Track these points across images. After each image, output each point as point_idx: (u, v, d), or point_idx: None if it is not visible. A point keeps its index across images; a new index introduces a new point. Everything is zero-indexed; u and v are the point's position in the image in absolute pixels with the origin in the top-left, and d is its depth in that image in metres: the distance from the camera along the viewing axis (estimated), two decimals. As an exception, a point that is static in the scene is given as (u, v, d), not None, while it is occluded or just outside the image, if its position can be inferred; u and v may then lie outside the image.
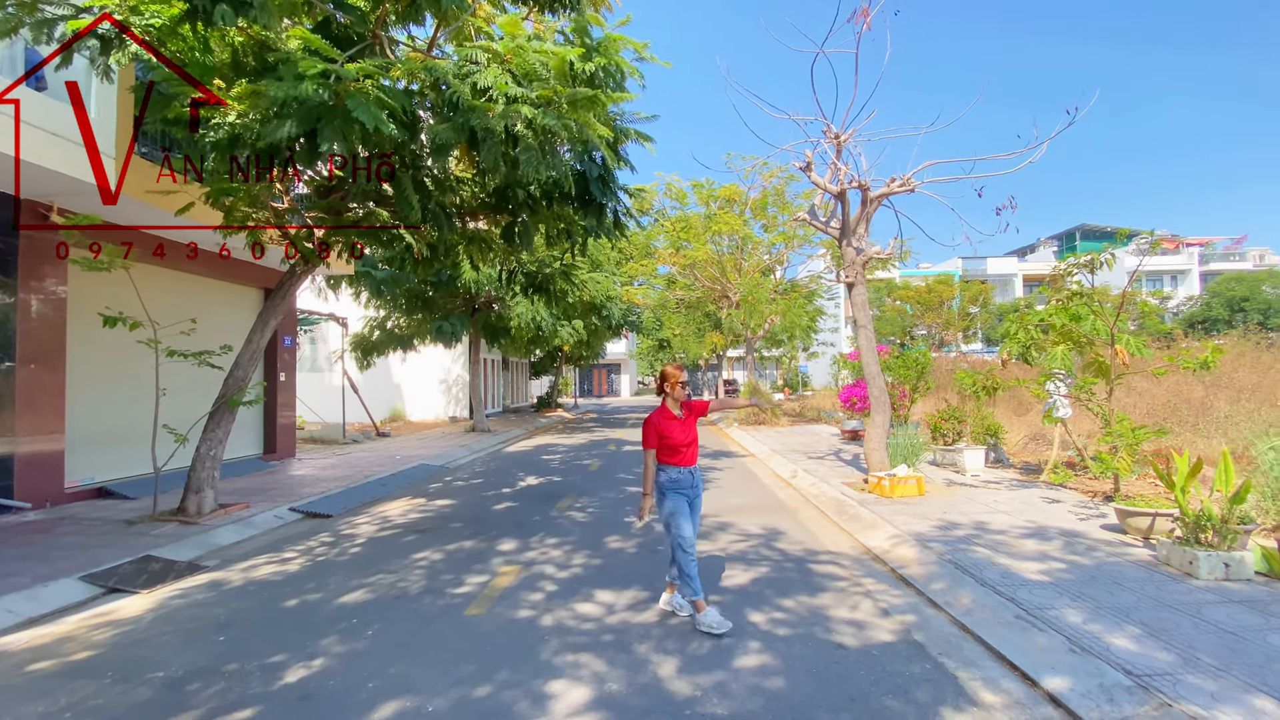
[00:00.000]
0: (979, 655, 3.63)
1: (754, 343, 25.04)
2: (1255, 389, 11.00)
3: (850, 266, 8.77)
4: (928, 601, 4.47)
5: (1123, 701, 2.92)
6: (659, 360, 52.18)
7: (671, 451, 4.18)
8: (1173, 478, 4.79)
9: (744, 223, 22.62)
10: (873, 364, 8.53)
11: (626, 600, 4.61)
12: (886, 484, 7.62)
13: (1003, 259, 50.33)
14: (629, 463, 12.28)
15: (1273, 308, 37.60)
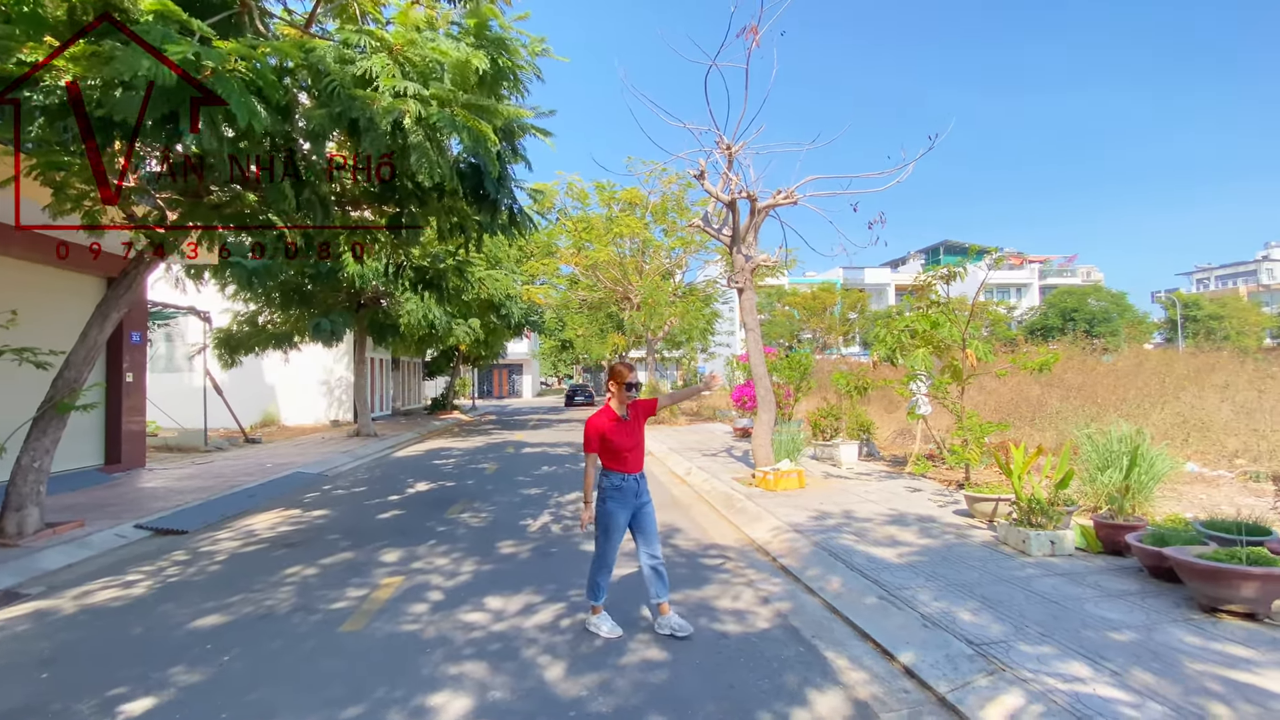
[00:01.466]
0: (846, 636, 3.92)
1: (654, 344, 25.47)
2: (1081, 388, 12.72)
3: (740, 273, 9.17)
4: (804, 588, 4.76)
5: (965, 669, 3.26)
6: (562, 361, 51.82)
7: (614, 456, 3.89)
8: (1010, 467, 5.43)
9: (645, 226, 23.00)
10: (760, 365, 8.96)
11: (517, 605, 4.53)
12: (771, 478, 8.03)
13: (878, 269, 54.86)
14: (528, 465, 12.08)
15: (1097, 318, 43.67)
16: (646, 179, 21.64)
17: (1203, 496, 6.95)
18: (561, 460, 12.58)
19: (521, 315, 20.20)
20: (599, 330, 30.47)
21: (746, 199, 9.13)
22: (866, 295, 44.53)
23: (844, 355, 36.18)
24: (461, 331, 18.23)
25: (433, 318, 16.12)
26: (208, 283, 15.21)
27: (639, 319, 22.77)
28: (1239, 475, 7.86)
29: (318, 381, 22.89)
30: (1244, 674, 3.05)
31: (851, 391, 10.20)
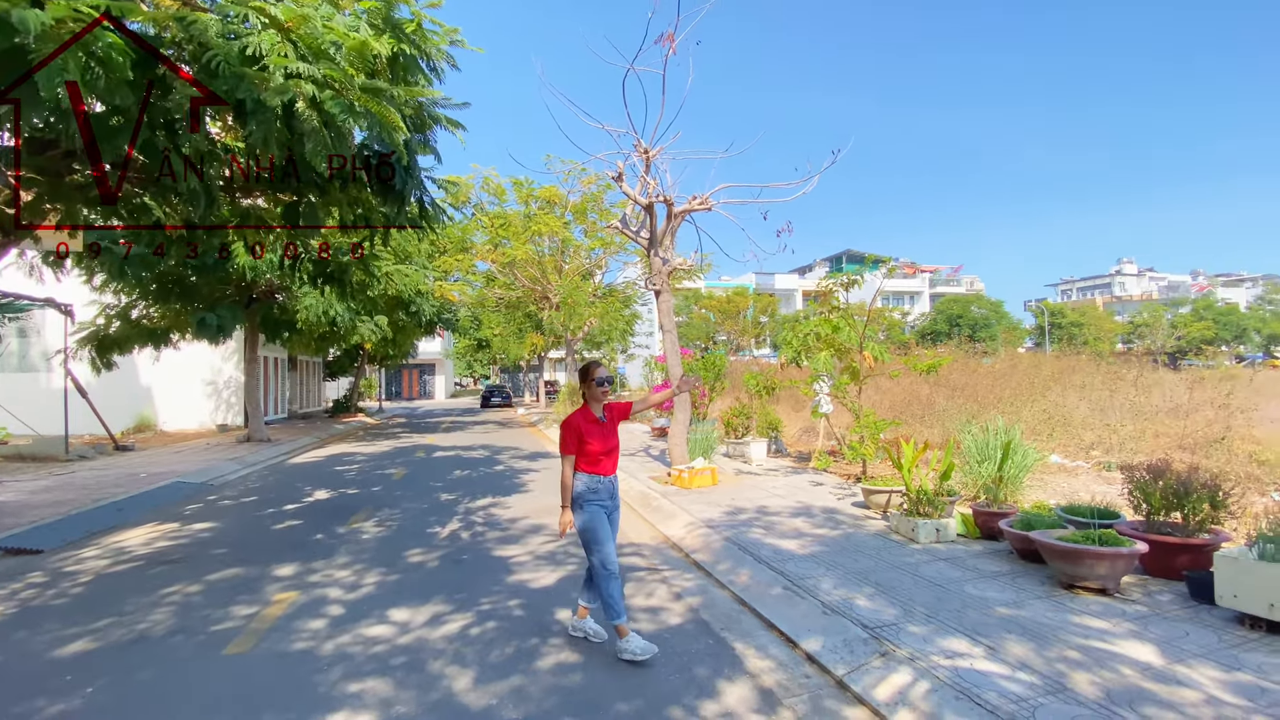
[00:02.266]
0: (754, 626, 4.07)
1: (574, 344, 25.35)
2: (964, 388, 13.88)
3: (657, 275, 9.30)
4: (715, 582, 4.90)
5: (860, 652, 3.47)
6: (478, 361, 50.38)
7: (591, 459, 3.73)
8: (901, 461, 5.85)
9: (564, 225, 22.82)
10: (676, 366, 9.13)
11: (425, 616, 4.36)
12: (686, 476, 8.21)
13: (787, 275, 57.43)
14: (440, 469, 11.65)
15: (979, 324, 47.84)
16: (566, 178, 21.49)
17: (1065, 484, 7.79)
18: (476, 464, 12.23)
19: (433, 313, 19.41)
20: (517, 330, 29.90)
21: (663, 203, 9.28)
22: (777, 300, 46.49)
23: (756, 357, 37.57)
24: (367, 329, 17.28)
25: (334, 314, 15.16)
26: (70, 272, 13.53)
27: (558, 319, 22.58)
28: (1095, 465, 8.87)
29: (203, 382, 20.96)
30: (1098, 642, 3.44)
31: (761, 391, 10.61)
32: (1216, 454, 8.06)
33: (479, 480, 10.25)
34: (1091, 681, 3.00)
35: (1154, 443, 8.98)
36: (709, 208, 9.19)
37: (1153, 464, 4.72)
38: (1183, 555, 4.25)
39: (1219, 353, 49.89)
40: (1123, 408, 10.85)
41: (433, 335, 25.93)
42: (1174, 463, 5.09)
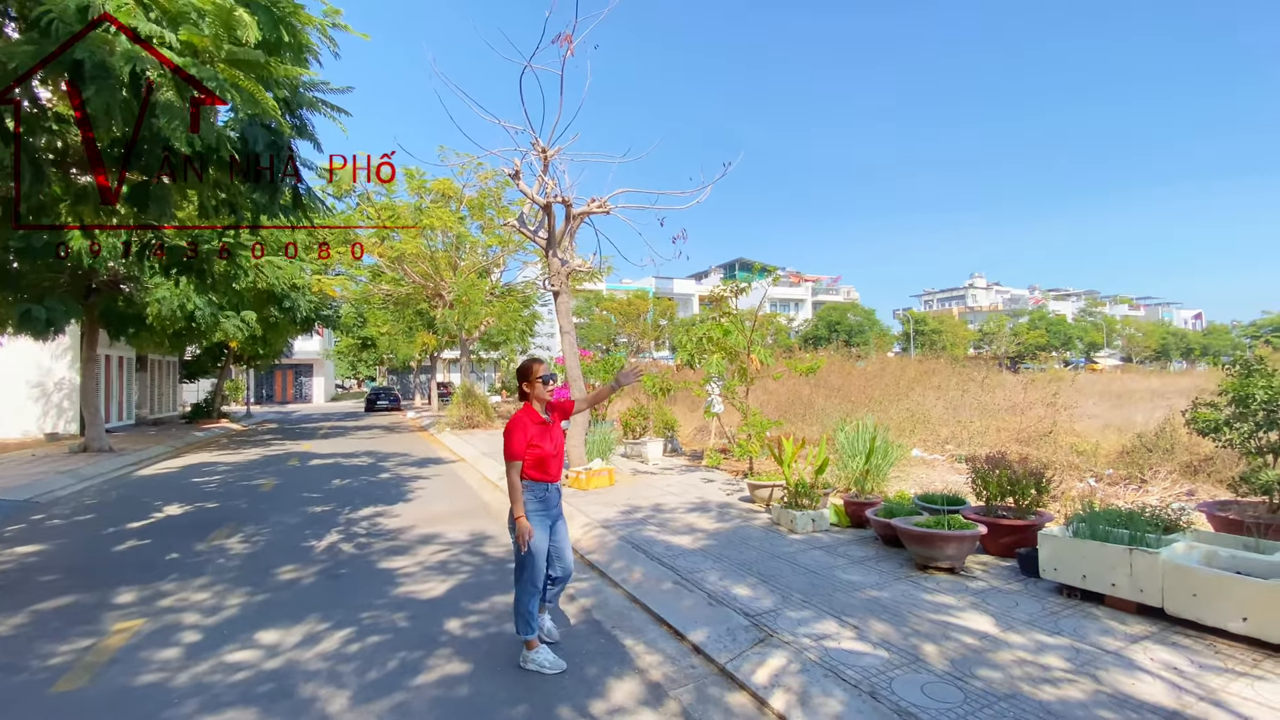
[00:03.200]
0: (645, 622, 4.17)
1: (469, 344, 24.52)
2: (840, 389, 15.00)
3: (556, 276, 9.25)
4: (609, 581, 4.96)
5: (742, 640, 3.66)
6: (363, 361, 47.31)
7: (538, 464, 3.45)
8: (782, 457, 6.23)
9: (459, 220, 22.02)
10: (575, 367, 9.13)
11: (297, 637, 4.05)
12: (584, 477, 8.22)
13: (685, 281, 59.16)
14: (316, 479, 10.84)
15: (854, 330, 51.77)
16: (461, 171, 20.74)
17: (923, 475, 8.64)
18: (358, 472, 11.50)
19: (311, 309, 17.95)
20: (406, 328, 28.41)
21: (562, 204, 9.24)
22: (675, 303, 47.71)
23: (655, 359, 38.33)
24: (232, 326, 15.67)
25: (192, 308, 13.63)
26: None
27: (452, 317, 21.73)
28: (949, 458, 9.91)
29: (28, 385, 18.07)
30: (946, 616, 3.86)
31: (658, 392, 10.86)
32: (1045, 446, 9.29)
33: (362, 489, 9.65)
34: (940, 652, 3.37)
35: (996, 437, 10.19)
36: (608, 211, 9.28)
37: (991, 456, 5.37)
38: (1015, 535, 4.87)
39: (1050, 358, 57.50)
40: (972, 406, 12.21)
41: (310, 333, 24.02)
42: (1010, 454, 5.82)
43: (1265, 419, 4.93)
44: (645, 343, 42.59)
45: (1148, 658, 3.23)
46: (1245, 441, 5.00)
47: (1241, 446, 5.03)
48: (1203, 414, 5.31)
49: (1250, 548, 3.86)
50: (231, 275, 12.12)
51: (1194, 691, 2.89)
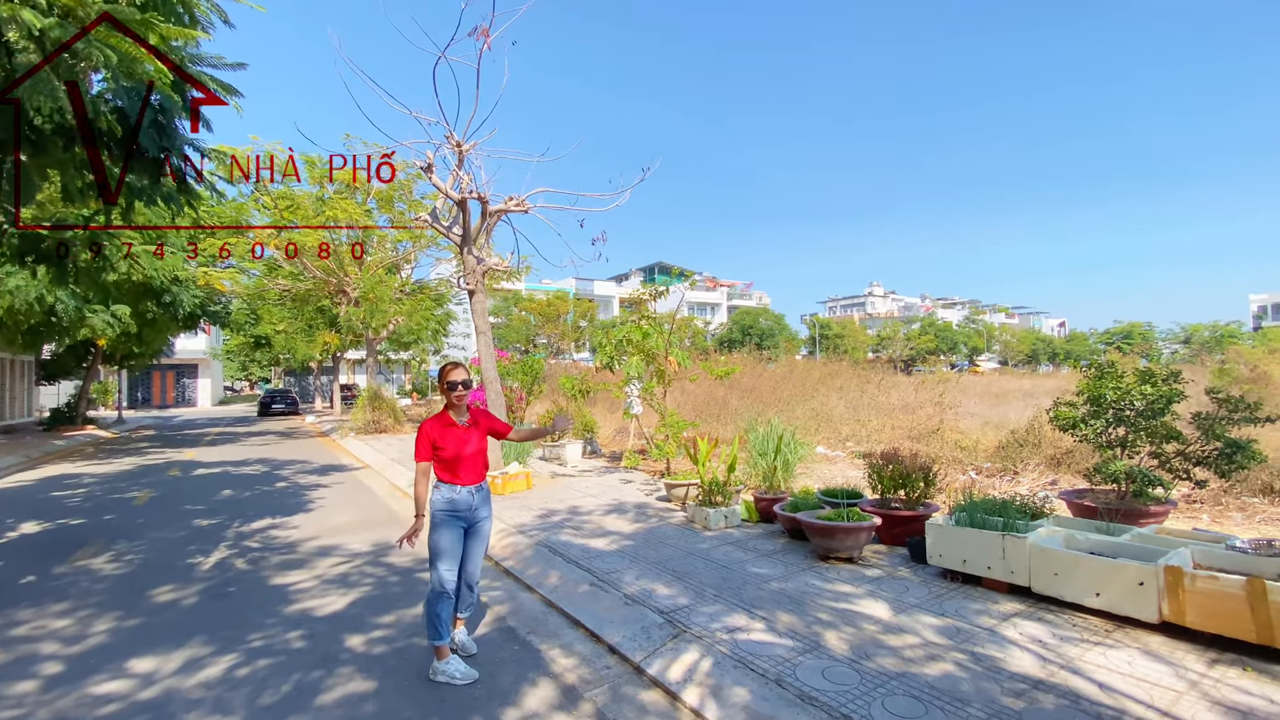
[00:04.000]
0: (561, 626, 4.14)
1: (376, 344, 23.34)
2: (752, 390, 15.57)
3: (471, 274, 9.00)
4: (524, 586, 4.89)
5: (656, 637, 3.72)
6: (256, 361, 43.84)
7: (445, 465, 3.50)
8: (697, 456, 6.39)
9: (367, 213, 20.91)
10: (491, 369, 8.92)
11: (177, 663, 3.70)
12: (500, 482, 8.05)
13: (606, 282, 59.27)
14: (201, 490, 9.93)
15: (765, 334, 53.84)
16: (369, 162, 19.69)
17: (827, 471, 9.13)
18: (250, 482, 10.65)
19: (195, 304, 16.44)
20: (306, 326, 26.61)
21: (478, 200, 9.01)
22: (596, 305, 47.65)
23: (576, 360, 38.14)
24: (101, 321, 14.05)
25: (52, 301, 12.11)
26: None
27: (357, 315, 20.59)
28: (849, 454, 10.53)
29: None
30: (845, 604, 4.10)
31: (577, 394, 10.81)
32: (933, 442, 10.09)
33: (254, 500, 8.95)
34: (839, 638, 3.58)
35: (891, 434, 10.94)
36: (526, 209, 9.14)
37: (886, 452, 5.77)
38: (906, 525, 5.26)
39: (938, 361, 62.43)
40: (870, 405, 13.06)
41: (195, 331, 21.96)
42: (902, 450, 6.27)
43: (1114, 416, 5.61)
44: (565, 344, 42.27)
45: (1018, 633, 3.59)
46: (1098, 436, 5.67)
47: (1095, 441, 5.70)
48: (1063, 412, 5.97)
49: (1102, 531, 4.38)
50: (99, 267, 10.87)
51: (1056, 661, 3.24)
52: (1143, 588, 3.50)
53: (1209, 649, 3.30)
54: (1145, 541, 4.07)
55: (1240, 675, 3.03)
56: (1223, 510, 6.32)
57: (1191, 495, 6.64)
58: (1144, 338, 59.52)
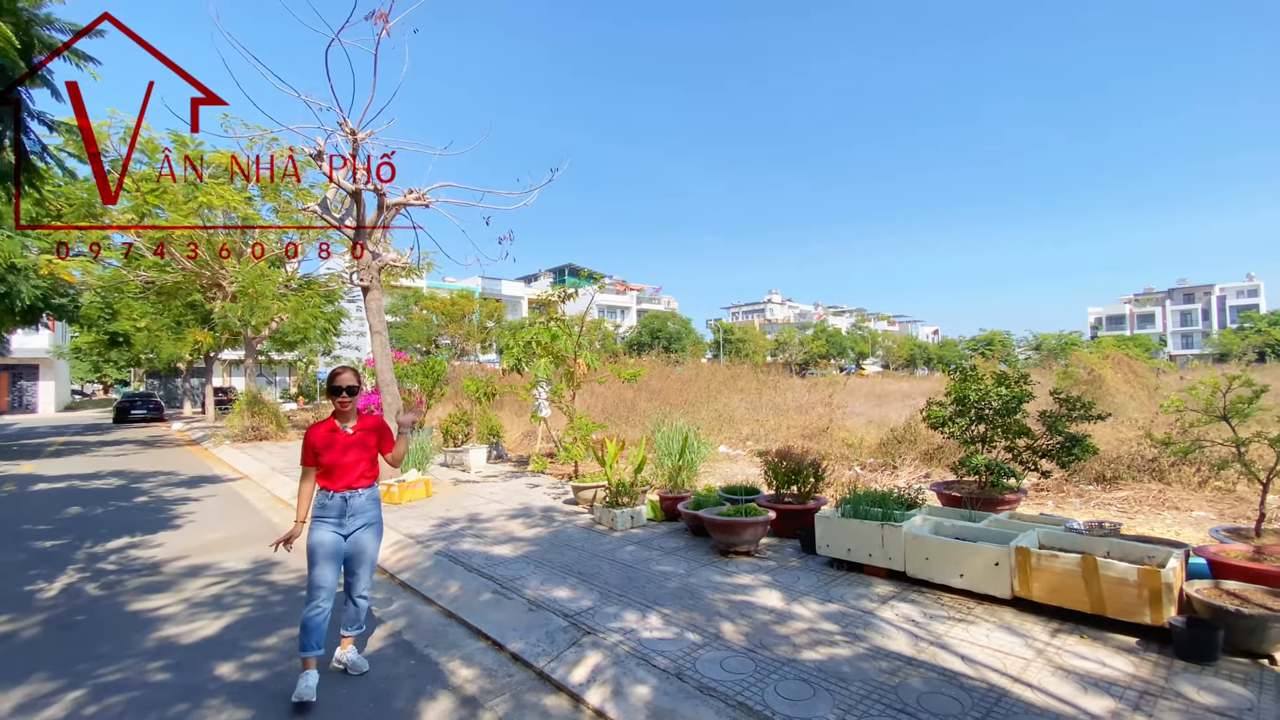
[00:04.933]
0: (462, 637, 4.02)
1: (257, 343, 21.48)
2: (660, 392, 15.85)
3: (366, 270, 8.53)
4: (421, 598, 4.69)
5: (560, 641, 3.71)
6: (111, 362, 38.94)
7: (325, 472, 3.49)
8: (605, 458, 6.42)
9: (247, 201, 19.20)
10: (387, 371, 8.48)
11: (11, 704, 3.22)
12: (396, 491, 7.67)
13: (514, 283, 58.08)
14: (44, 508, 8.69)
15: (673, 337, 54.98)
16: (250, 146, 18.09)
17: (728, 469, 9.48)
18: (104, 497, 9.44)
19: (36, 296, 14.38)
20: (173, 323, 23.99)
21: (374, 192, 8.55)
22: (504, 305, 46.54)
23: (481, 362, 37.00)
24: (-91, 315, 11.95)
25: None
26: None
27: (235, 312, 18.85)
28: (749, 452, 10.98)
29: None
30: (743, 596, 4.27)
31: (482, 397, 10.52)
32: (824, 439, 10.75)
33: (109, 518, 7.96)
34: (738, 629, 3.73)
35: (786, 433, 11.54)
36: (427, 204, 8.77)
37: (780, 450, 6.08)
38: (798, 518, 5.57)
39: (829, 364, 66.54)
40: (768, 406, 13.70)
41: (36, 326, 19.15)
42: (795, 448, 6.64)
43: (975, 415, 6.25)
44: (471, 345, 40.93)
45: (894, 614, 3.90)
46: (962, 433, 6.29)
47: (960, 437, 6.32)
48: (933, 411, 6.56)
49: (965, 518, 4.86)
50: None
51: (926, 638, 3.56)
52: (998, 567, 3.93)
53: (1052, 620, 3.75)
54: (1000, 526, 4.57)
55: (1078, 642, 3.47)
56: (1064, 497, 7.21)
57: (1039, 484, 7.53)
58: (1003, 344, 66.65)
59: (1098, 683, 3.02)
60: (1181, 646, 3.25)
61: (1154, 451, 7.49)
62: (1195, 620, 3.31)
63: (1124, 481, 7.53)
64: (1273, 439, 4.34)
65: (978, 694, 2.93)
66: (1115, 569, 3.50)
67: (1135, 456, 7.82)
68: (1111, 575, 3.51)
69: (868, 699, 2.91)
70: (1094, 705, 2.82)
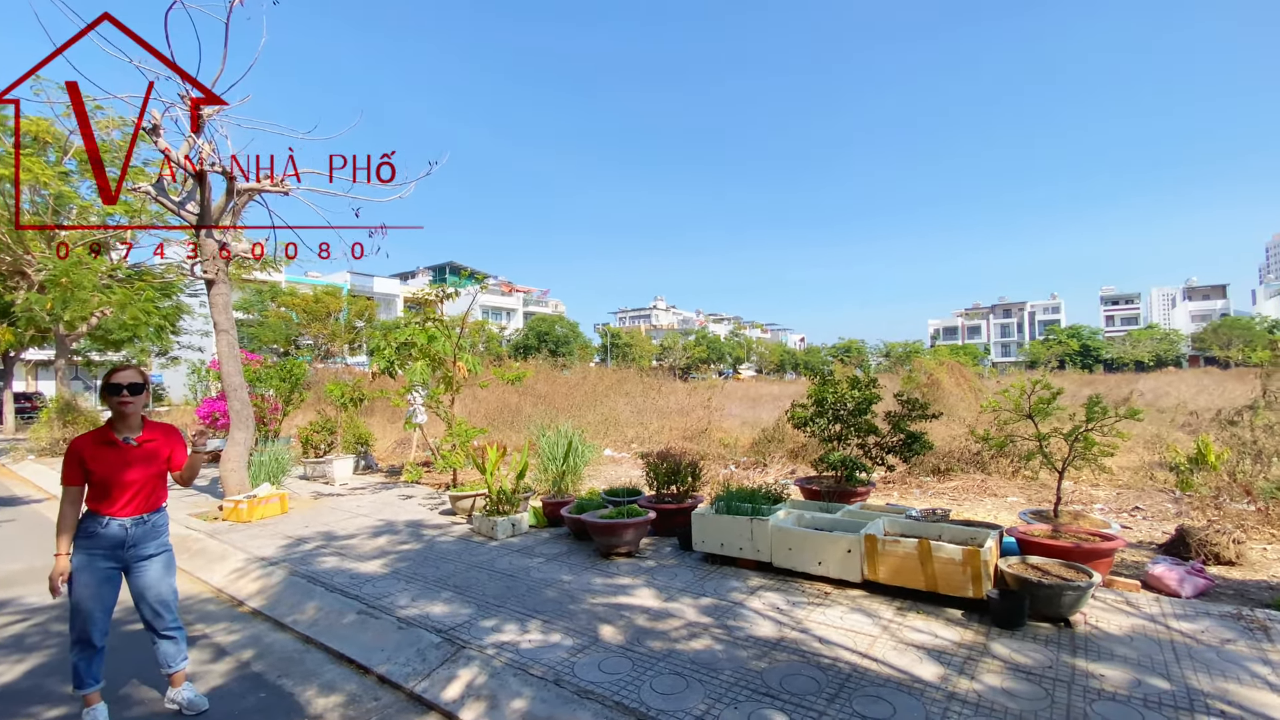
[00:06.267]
0: (321, 663, 3.71)
1: (71, 342, 18.46)
2: (546, 396, 15.67)
3: (211, 261, 7.64)
4: (273, 624, 4.28)
5: (432, 659, 3.54)
6: None
7: (99, 491, 2.90)
8: (485, 465, 6.23)
9: (60, 176, 16.46)
10: (235, 374, 7.64)
11: None
12: (245, 508, 6.93)
13: (389, 280, 54.60)
14: None
15: (561, 341, 54.60)
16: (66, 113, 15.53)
17: (614, 472, 9.58)
18: None
19: None
20: (-45, 317, 19.98)
21: (222, 174, 7.68)
22: (375, 304, 43.57)
23: (350, 365, 34.36)
24: None
25: None
26: None
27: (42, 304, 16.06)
28: (633, 455, 11.17)
29: None
30: (623, 597, 4.33)
31: (349, 403, 9.79)
32: (703, 440, 11.19)
33: None
34: (617, 630, 3.78)
35: (669, 435, 11.88)
36: (286, 192, 8.02)
37: (661, 451, 6.25)
38: (677, 517, 5.75)
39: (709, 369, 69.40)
40: (652, 409, 14.03)
41: None
42: (676, 449, 6.85)
43: (833, 415, 6.81)
44: (337, 346, 37.89)
45: (761, 603, 4.15)
46: (822, 432, 6.83)
47: (820, 435, 6.86)
48: (797, 413, 7.08)
49: (824, 510, 5.27)
50: None
51: (788, 623, 3.82)
52: (850, 554, 4.31)
53: (895, 599, 4.18)
54: (853, 517, 5.02)
55: (916, 617, 3.89)
56: (907, 488, 8.06)
57: (886, 477, 8.36)
58: (859, 352, 73.20)
59: (931, 652, 3.40)
60: (997, 615, 3.76)
61: (977, 446, 8.59)
62: (1007, 591, 3.84)
63: (954, 473, 8.57)
64: (1066, 434, 5.15)
65: (832, 672, 3.20)
66: (945, 551, 3.98)
67: (963, 451, 8.93)
68: (942, 556, 3.98)
69: (736, 686, 3.07)
70: (927, 673, 3.18)
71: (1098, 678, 3.09)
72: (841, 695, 2.97)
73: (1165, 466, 8.03)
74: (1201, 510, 6.10)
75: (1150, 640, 3.51)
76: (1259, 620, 3.72)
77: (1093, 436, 4.99)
